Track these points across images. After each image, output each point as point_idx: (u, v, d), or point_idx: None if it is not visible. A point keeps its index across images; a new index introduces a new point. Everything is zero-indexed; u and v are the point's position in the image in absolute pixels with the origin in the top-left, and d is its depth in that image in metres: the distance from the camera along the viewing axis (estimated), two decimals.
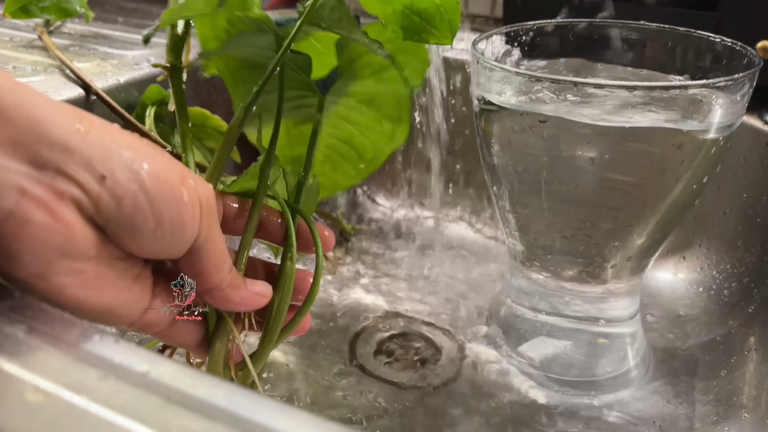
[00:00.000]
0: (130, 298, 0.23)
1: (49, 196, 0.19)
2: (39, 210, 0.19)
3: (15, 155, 0.18)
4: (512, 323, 0.44)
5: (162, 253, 0.22)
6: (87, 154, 0.19)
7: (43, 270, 0.20)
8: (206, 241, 0.23)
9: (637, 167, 0.34)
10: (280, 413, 0.19)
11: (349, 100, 0.34)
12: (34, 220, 0.19)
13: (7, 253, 0.19)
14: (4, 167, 0.18)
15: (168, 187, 0.21)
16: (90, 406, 0.19)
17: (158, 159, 0.21)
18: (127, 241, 0.21)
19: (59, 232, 0.19)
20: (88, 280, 0.21)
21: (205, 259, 0.24)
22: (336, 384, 0.42)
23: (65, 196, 0.19)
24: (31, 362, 0.20)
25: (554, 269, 0.40)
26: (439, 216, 0.61)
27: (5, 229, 0.19)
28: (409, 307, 0.49)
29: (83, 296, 0.21)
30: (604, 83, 0.32)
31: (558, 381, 0.41)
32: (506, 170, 0.38)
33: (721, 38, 0.37)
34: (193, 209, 0.22)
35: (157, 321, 0.25)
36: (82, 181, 0.19)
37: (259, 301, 0.27)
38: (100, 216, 0.20)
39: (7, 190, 0.18)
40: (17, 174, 0.18)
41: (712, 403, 0.40)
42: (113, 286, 0.22)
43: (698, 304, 0.48)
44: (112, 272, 0.22)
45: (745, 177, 0.48)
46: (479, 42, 0.38)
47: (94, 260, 0.21)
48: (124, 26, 0.66)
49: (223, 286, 0.25)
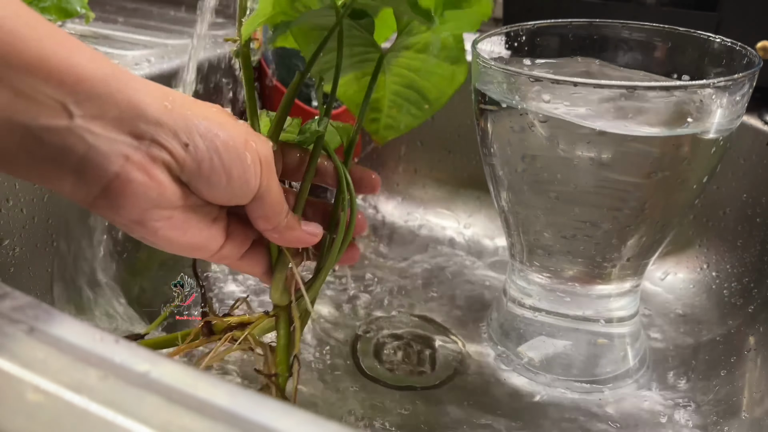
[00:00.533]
0: (209, 236, 0.29)
1: (146, 160, 0.24)
2: (138, 171, 0.24)
3: (120, 130, 0.24)
4: (512, 323, 0.44)
5: (233, 200, 0.28)
6: (173, 127, 0.25)
7: (141, 217, 0.26)
8: (266, 190, 0.29)
9: (637, 167, 0.34)
10: (280, 413, 0.19)
11: (408, 52, 0.38)
12: (135, 179, 0.24)
13: (115, 205, 0.25)
14: (113, 139, 0.24)
15: (235, 150, 0.27)
16: (90, 406, 0.19)
17: (227, 126, 0.27)
18: (206, 193, 0.27)
19: (154, 188, 0.25)
20: (176, 223, 0.27)
21: (266, 205, 0.29)
22: (336, 384, 0.42)
23: (158, 160, 0.25)
24: (31, 362, 0.20)
25: (554, 269, 0.40)
26: (440, 215, 0.61)
27: (113, 186, 0.24)
28: (408, 307, 0.49)
29: (173, 236, 0.27)
30: (604, 83, 0.32)
31: (558, 381, 0.41)
32: (506, 170, 0.38)
33: (721, 38, 0.37)
34: (255, 167, 0.28)
35: (230, 255, 0.31)
36: (170, 148, 0.25)
37: (311, 240, 0.32)
38: (185, 175, 0.26)
39: (114, 157, 0.24)
40: (122, 144, 0.24)
41: (712, 403, 0.40)
42: (195, 227, 0.28)
43: (698, 304, 0.48)
44: (194, 217, 0.28)
45: (745, 177, 0.48)
46: (479, 42, 0.38)
47: (181, 209, 0.27)
48: (125, 26, 0.66)
49: (281, 227, 0.31)
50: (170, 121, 0.25)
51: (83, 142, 0.23)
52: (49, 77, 0.22)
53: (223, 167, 0.26)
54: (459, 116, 0.60)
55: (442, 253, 0.56)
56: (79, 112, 0.23)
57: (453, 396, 0.41)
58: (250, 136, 0.28)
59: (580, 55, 0.42)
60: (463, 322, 0.48)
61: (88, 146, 0.23)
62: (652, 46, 0.40)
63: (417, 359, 0.44)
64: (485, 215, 0.60)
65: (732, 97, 0.33)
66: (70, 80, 0.22)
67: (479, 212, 0.60)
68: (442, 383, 0.42)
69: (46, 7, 0.45)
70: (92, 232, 0.47)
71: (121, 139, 0.24)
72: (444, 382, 0.42)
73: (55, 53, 0.22)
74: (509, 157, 0.37)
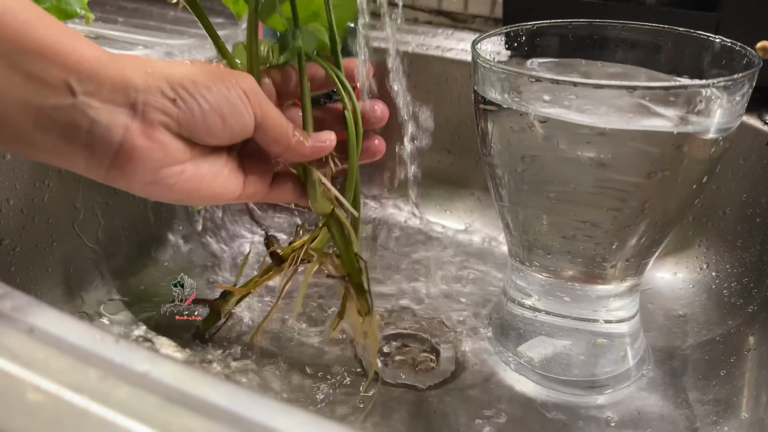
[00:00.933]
0: (226, 180, 0.31)
1: (144, 125, 0.27)
2: (140, 137, 0.27)
3: (115, 102, 0.26)
4: (512, 323, 0.44)
5: (237, 137, 0.30)
6: (158, 87, 0.27)
7: (153, 177, 0.28)
8: (264, 117, 0.30)
9: (636, 167, 0.34)
10: (280, 413, 0.19)
11: None
12: (138, 145, 0.27)
13: (126, 172, 0.27)
14: (111, 111, 0.26)
15: (218, 91, 0.28)
16: (90, 405, 0.19)
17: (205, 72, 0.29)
18: (208, 139, 0.29)
19: (157, 149, 0.27)
20: (189, 176, 0.29)
21: (269, 130, 0.31)
22: (335, 384, 0.42)
23: (155, 123, 0.27)
24: (32, 362, 0.20)
25: (554, 269, 0.40)
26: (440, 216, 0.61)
27: (120, 155, 0.27)
28: (407, 307, 0.49)
29: (190, 188, 0.29)
30: (603, 83, 0.32)
31: (557, 381, 0.41)
32: (506, 170, 0.38)
33: (720, 38, 0.37)
34: (242, 100, 0.29)
35: (257, 191, 0.33)
36: (161, 107, 0.27)
37: (326, 146, 0.33)
38: (183, 129, 0.28)
39: (115, 128, 0.26)
40: (120, 115, 0.26)
41: (712, 403, 0.40)
42: (209, 175, 0.30)
43: (697, 304, 0.48)
44: (205, 166, 0.29)
45: (745, 177, 0.48)
46: (479, 42, 0.38)
47: (189, 161, 0.29)
48: (125, 26, 0.66)
49: (293, 145, 0.32)
50: (154, 84, 0.27)
51: (86, 118, 0.25)
52: (56, 60, 0.25)
53: (214, 109, 0.28)
54: (459, 116, 0.60)
55: (441, 253, 0.56)
56: (80, 89, 0.25)
57: (452, 396, 0.41)
58: (227, 74, 0.30)
59: (580, 55, 0.42)
60: (463, 322, 0.48)
61: (91, 121, 0.26)
62: (652, 47, 0.40)
63: (416, 358, 0.44)
64: (485, 215, 0.60)
65: (732, 97, 0.33)
66: (72, 61, 0.25)
67: (479, 212, 0.60)
68: (441, 383, 0.42)
69: (46, 9, 0.45)
70: (93, 233, 0.47)
71: (118, 110, 0.26)
72: (443, 381, 0.42)
73: (60, 39, 0.25)
74: (509, 158, 0.37)
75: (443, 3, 0.70)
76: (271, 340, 0.45)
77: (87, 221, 0.46)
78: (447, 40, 0.63)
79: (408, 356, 0.44)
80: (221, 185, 0.31)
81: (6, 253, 0.40)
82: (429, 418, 0.39)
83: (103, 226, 0.47)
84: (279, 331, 0.46)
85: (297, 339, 0.45)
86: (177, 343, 0.44)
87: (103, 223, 0.47)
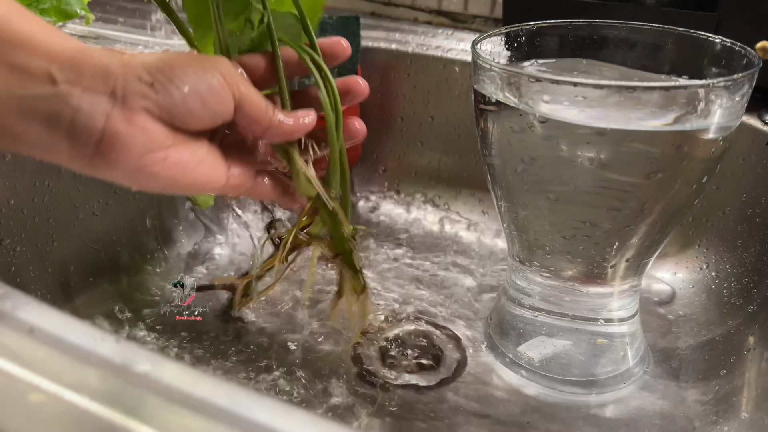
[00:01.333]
0: (209, 167, 0.31)
1: (125, 112, 0.27)
2: (121, 123, 0.27)
3: (95, 90, 0.26)
4: (512, 323, 0.44)
5: (218, 119, 0.30)
6: (136, 74, 0.27)
7: (138, 164, 0.28)
8: (242, 97, 0.30)
9: (636, 168, 0.34)
10: (280, 413, 0.19)
11: None
12: (120, 131, 0.27)
13: (110, 160, 0.27)
14: (92, 100, 0.26)
15: (194, 74, 0.28)
16: (91, 405, 0.19)
17: (179, 59, 0.29)
18: (189, 121, 0.29)
19: (139, 135, 0.27)
20: (172, 163, 0.29)
21: (248, 110, 0.31)
22: (336, 384, 0.42)
23: (135, 108, 0.27)
24: (32, 362, 0.20)
25: (554, 269, 0.40)
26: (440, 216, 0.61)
27: (104, 143, 0.27)
28: (407, 307, 0.49)
29: (175, 175, 0.29)
30: (603, 83, 0.32)
31: (557, 381, 0.41)
32: (506, 170, 0.38)
33: (720, 39, 0.37)
34: (219, 81, 0.29)
35: (241, 183, 0.33)
36: (141, 92, 0.27)
37: (306, 124, 0.33)
38: (164, 113, 0.28)
39: (97, 115, 0.26)
40: (101, 103, 0.26)
41: (712, 403, 0.40)
42: (192, 161, 0.30)
43: (697, 304, 0.49)
44: (187, 152, 0.30)
45: (745, 177, 0.48)
46: (479, 42, 0.38)
47: (172, 148, 0.29)
48: (125, 27, 0.66)
49: (274, 124, 0.32)
50: (131, 72, 0.27)
51: (68, 107, 0.26)
52: (38, 50, 0.25)
53: (192, 91, 0.28)
54: (459, 116, 0.60)
55: (441, 253, 0.56)
56: (61, 77, 0.26)
57: (452, 396, 0.41)
58: (202, 58, 0.30)
59: (580, 55, 0.42)
60: (463, 322, 0.48)
61: (73, 109, 0.26)
62: (651, 47, 0.40)
63: (416, 358, 0.44)
64: (485, 215, 0.60)
65: (732, 98, 0.33)
66: (54, 52, 0.26)
67: (479, 212, 0.60)
68: (441, 382, 0.42)
69: (46, 9, 0.45)
70: (93, 232, 0.47)
71: (99, 98, 0.26)
72: (443, 381, 0.42)
73: (41, 31, 0.26)
74: (509, 158, 0.37)
75: (443, 3, 0.70)
76: (272, 336, 0.45)
77: (87, 221, 0.46)
78: (447, 40, 0.63)
79: (407, 356, 0.44)
80: (204, 173, 0.31)
81: (6, 253, 0.40)
82: (429, 418, 0.39)
83: (103, 226, 0.47)
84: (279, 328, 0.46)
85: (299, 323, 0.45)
86: (177, 342, 0.44)
87: (103, 223, 0.47)
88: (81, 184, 0.45)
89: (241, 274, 0.51)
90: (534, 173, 0.36)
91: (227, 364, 0.43)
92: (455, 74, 0.59)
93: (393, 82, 0.62)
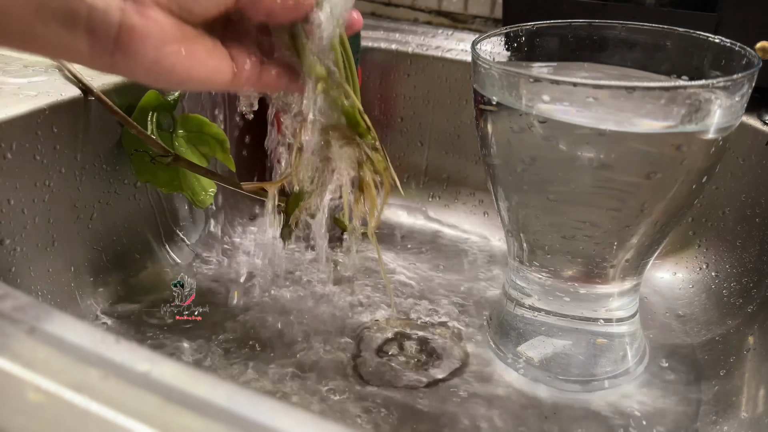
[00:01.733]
0: (219, 60, 0.32)
1: (137, 6, 0.28)
2: (136, 16, 0.28)
3: None
4: (511, 323, 0.44)
5: (222, 4, 0.30)
6: None
7: (156, 56, 0.29)
8: None
9: (636, 168, 0.34)
10: (280, 412, 0.19)
11: None
12: (136, 24, 0.28)
13: (130, 54, 0.28)
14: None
15: None
16: (91, 405, 0.19)
17: None
18: (197, 7, 0.30)
19: (153, 27, 0.28)
20: (185, 57, 0.30)
21: None
22: (335, 384, 0.42)
23: (146, 2, 0.28)
24: (32, 362, 0.20)
25: (554, 269, 0.40)
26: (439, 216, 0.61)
27: (122, 37, 0.28)
28: (407, 307, 0.49)
29: (190, 66, 0.30)
30: (603, 84, 0.32)
31: (557, 380, 0.41)
32: (506, 170, 0.38)
33: (720, 39, 0.37)
34: None
35: (249, 76, 0.34)
36: None
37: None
38: (173, 2, 0.29)
39: (112, 10, 0.27)
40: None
41: (712, 403, 0.40)
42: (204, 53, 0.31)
43: (697, 304, 0.49)
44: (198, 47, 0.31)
45: (744, 177, 0.48)
46: (479, 42, 0.38)
47: (183, 41, 0.30)
48: None
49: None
50: None
51: (83, 4, 0.27)
52: None
53: None
54: (459, 116, 0.60)
55: (441, 253, 0.56)
56: None
57: (452, 395, 0.41)
58: None
59: (580, 55, 0.42)
60: (463, 322, 0.48)
61: (88, 6, 0.27)
62: (651, 47, 0.40)
63: (416, 358, 0.44)
64: (485, 215, 0.60)
65: (731, 98, 0.33)
66: None
67: (479, 212, 0.60)
68: (441, 382, 0.42)
69: None
70: (94, 233, 0.47)
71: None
72: (443, 381, 0.42)
73: None
74: (509, 158, 0.37)
75: (443, 3, 0.70)
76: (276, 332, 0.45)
77: (87, 221, 0.46)
78: (447, 40, 0.63)
79: (407, 355, 0.45)
80: (215, 66, 0.32)
81: (7, 254, 0.40)
82: (429, 418, 0.39)
83: (103, 226, 0.47)
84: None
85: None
86: (177, 342, 0.44)
87: (103, 223, 0.47)
88: (81, 184, 0.45)
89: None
90: (534, 173, 0.36)
91: (227, 363, 0.43)
92: (455, 74, 0.59)
93: (393, 82, 0.62)
